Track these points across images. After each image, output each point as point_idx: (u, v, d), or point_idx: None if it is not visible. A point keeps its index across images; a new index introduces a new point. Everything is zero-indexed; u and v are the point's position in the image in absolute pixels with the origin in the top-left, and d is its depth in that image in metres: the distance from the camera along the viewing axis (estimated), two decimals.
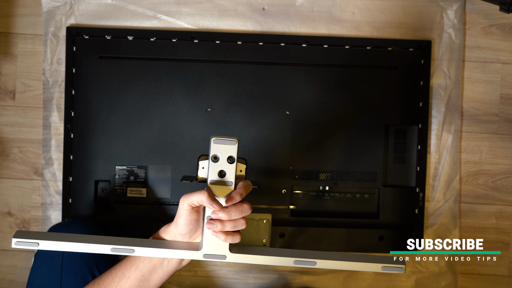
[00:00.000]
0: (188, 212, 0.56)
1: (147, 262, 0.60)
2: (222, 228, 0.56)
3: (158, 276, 0.61)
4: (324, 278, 0.96)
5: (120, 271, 0.61)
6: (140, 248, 0.57)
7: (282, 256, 0.59)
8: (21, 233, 0.57)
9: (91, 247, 0.57)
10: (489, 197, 0.98)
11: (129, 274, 0.60)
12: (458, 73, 0.96)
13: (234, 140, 0.56)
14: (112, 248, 0.57)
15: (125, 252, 0.57)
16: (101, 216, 0.91)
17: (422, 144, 0.94)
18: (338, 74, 0.92)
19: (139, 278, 0.60)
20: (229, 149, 0.56)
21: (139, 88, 0.91)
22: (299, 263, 0.58)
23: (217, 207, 0.55)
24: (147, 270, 0.60)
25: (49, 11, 0.93)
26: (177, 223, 0.58)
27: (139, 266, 0.60)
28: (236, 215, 0.56)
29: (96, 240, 0.58)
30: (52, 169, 0.94)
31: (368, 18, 0.96)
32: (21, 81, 0.95)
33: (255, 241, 0.92)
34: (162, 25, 0.94)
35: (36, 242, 0.56)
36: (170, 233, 0.60)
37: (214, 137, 0.56)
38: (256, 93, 0.91)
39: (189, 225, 0.58)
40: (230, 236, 0.57)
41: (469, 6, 0.97)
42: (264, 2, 0.95)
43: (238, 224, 0.56)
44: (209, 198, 0.54)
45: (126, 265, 0.61)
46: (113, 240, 0.58)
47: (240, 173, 0.59)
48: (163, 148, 0.91)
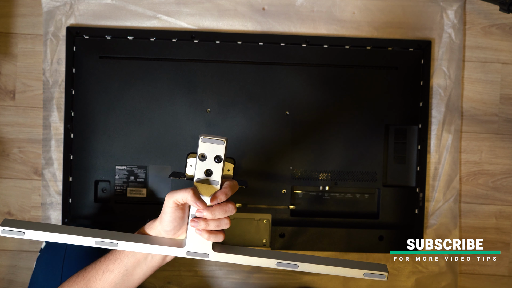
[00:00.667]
0: (173, 209, 0.57)
1: (131, 256, 0.60)
2: (206, 226, 0.57)
3: (141, 271, 0.61)
4: (324, 278, 0.96)
5: (104, 264, 0.61)
6: (124, 242, 0.58)
7: (264, 258, 0.59)
8: (9, 222, 0.57)
9: (76, 239, 0.57)
10: (489, 197, 0.98)
11: (113, 268, 0.60)
12: (458, 73, 0.96)
13: (222, 139, 0.56)
14: (97, 241, 0.57)
15: (109, 246, 0.58)
16: (101, 216, 0.91)
17: (422, 144, 0.94)
18: (338, 74, 0.92)
19: (123, 272, 0.60)
20: (216, 148, 0.56)
21: (139, 88, 0.91)
22: (281, 265, 0.59)
23: (201, 206, 0.55)
24: (131, 265, 0.60)
25: (49, 11, 0.93)
26: (162, 219, 0.59)
27: (123, 260, 0.60)
28: (220, 214, 0.56)
29: (81, 232, 0.58)
30: (52, 169, 0.94)
31: (368, 18, 0.96)
32: (21, 81, 0.95)
33: (255, 241, 0.92)
34: (162, 25, 0.94)
35: (22, 231, 0.56)
36: (155, 229, 0.61)
37: (202, 136, 0.56)
38: (256, 93, 0.91)
39: (174, 222, 0.58)
40: (214, 235, 0.57)
41: (469, 6, 0.97)
42: (264, 2, 0.95)
43: (222, 223, 0.57)
44: (194, 196, 0.55)
45: (111, 259, 0.61)
46: (98, 233, 0.58)
47: (228, 172, 0.59)
48: (163, 148, 0.91)
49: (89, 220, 0.91)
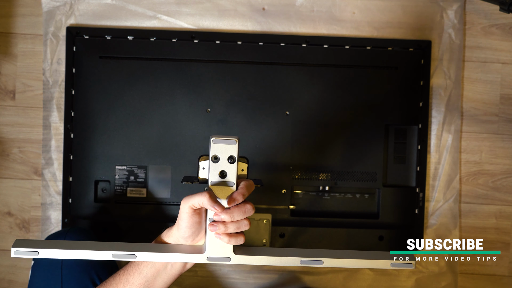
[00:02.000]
0: (189, 215, 0.55)
1: (150, 267, 0.59)
2: (225, 230, 0.55)
3: (162, 281, 0.60)
4: (324, 278, 0.96)
5: (123, 277, 0.60)
6: (142, 253, 0.56)
7: (287, 256, 0.58)
8: (20, 242, 0.55)
9: (93, 254, 0.56)
10: (489, 197, 0.98)
11: (133, 280, 0.59)
12: (458, 73, 0.96)
13: (234, 139, 0.55)
14: (114, 254, 0.56)
15: (127, 258, 0.56)
16: (101, 216, 0.91)
17: (422, 144, 0.94)
18: (338, 74, 0.92)
19: (143, 283, 0.59)
20: (229, 148, 0.55)
21: (139, 88, 0.91)
22: (305, 263, 0.57)
23: (219, 209, 0.53)
24: (151, 275, 0.59)
25: (49, 11, 0.93)
26: (179, 226, 0.57)
27: (143, 271, 0.59)
28: (239, 216, 0.54)
29: (97, 246, 0.56)
30: (52, 169, 0.94)
31: (368, 18, 0.96)
32: (21, 81, 0.95)
33: (255, 241, 0.92)
34: (162, 25, 0.94)
35: (35, 250, 0.55)
36: (172, 236, 0.59)
37: (213, 137, 0.55)
38: (256, 93, 0.91)
39: (191, 227, 0.56)
40: (234, 237, 0.55)
41: (469, 6, 0.97)
42: (264, 2, 0.95)
43: (241, 225, 0.55)
44: (211, 200, 0.53)
45: (130, 271, 0.60)
46: (114, 246, 0.57)
47: (242, 172, 0.57)
48: (163, 148, 0.91)
49: (89, 220, 0.91)
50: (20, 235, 0.96)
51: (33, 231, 0.96)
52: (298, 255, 0.58)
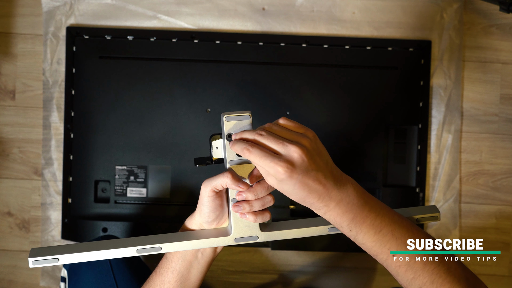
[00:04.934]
0: (211, 198, 0.53)
1: (181, 261, 0.57)
2: (251, 209, 0.53)
3: (197, 271, 0.58)
4: (324, 278, 0.96)
5: (158, 279, 0.58)
6: (167, 244, 0.54)
7: (315, 226, 0.56)
8: (37, 251, 0.52)
9: (115, 253, 0.53)
10: (489, 197, 0.98)
11: (168, 280, 0.57)
12: (458, 73, 0.96)
13: (248, 114, 0.52)
14: (138, 249, 0.53)
15: (152, 251, 0.54)
16: (101, 216, 0.91)
17: (422, 144, 0.94)
18: (338, 74, 0.92)
19: (179, 279, 0.57)
20: (243, 124, 0.52)
21: (139, 88, 0.91)
22: (333, 230, 0.55)
23: (244, 187, 0.51)
24: (184, 269, 0.57)
25: (49, 11, 0.93)
26: (201, 211, 0.55)
27: (175, 268, 0.57)
28: (263, 192, 0.52)
29: (118, 244, 0.54)
30: (52, 169, 0.94)
31: (368, 18, 0.96)
32: (21, 81, 0.95)
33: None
34: (162, 25, 0.94)
35: (55, 257, 0.52)
36: (195, 223, 0.57)
37: (225, 114, 0.51)
38: (256, 93, 0.91)
39: (215, 211, 0.54)
40: (260, 215, 0.54)
41: (469, 6, 0.97)
42: (264, 2, 0.95)
43: (266, 201, 0.53)
44: (234, 179, 0.51)
45: (162, 272, 0.58)
46: (136, 240, 0.54)
47: None
48: (163, 148, 0.91)
49: (89, 220, 0.91)
50: (20, 235, 0.96)
51: (33, 231, 0.96)
52: (324, 223, 0.56)
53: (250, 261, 0.97)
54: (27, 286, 0.97)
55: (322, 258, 0.97)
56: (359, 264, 0.97)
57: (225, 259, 0.96)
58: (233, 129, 0.52)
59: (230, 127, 0.52)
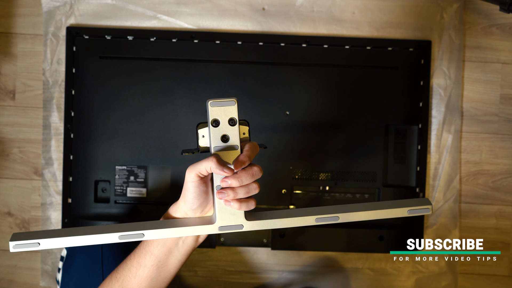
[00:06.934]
0: (196, 184, 0.52)
1: (161, 246, 0.56)
2: (235, 196, 0.52)
3: (175, 259, 0.57)
4: (324, 278, 0.96)
5: (135, 260, 0.58)
6: (150, 231, 0.53)
7: (302, 216, 0.55)
8: (18, 235, 0.52)
9: (97, 238, 0.52)
10: (489, 197, 0.98)
11: (145, 262, 0.57)
12: (458, 73, 0.96)
13: (233, 100, 0.52)
14: (120, 236, 0.53)
15: (135, 238, 0.53)
16: (101, 216, 0.91)
17: (422, 144, 0.94)
18: (338, 74, 0.92)
19: (156, 264, 0.57)
20: (229, 110, 0.52)
21: (139, 88, 0.91)
22: (321, 220, 0.55)
23: (229, 172, 0.50)
24: (163, 254, 0.57)
25: (49, 11, 0.93)
26: (185, 198, 0.54)
27: (154, 252, 0.57)
28: (248, 179, 0.52)
29: (101, 230, 0.53)
30: (52, 169, 0.94)
31: (368, 18, 0.96)
32: (21, 81, 0.95)
33: (255, 240, 0.92)
34: (162, 25, 0.94)
35: (36, 242, 0.52)
36: (179, 210, 0.56)
37: (210, 100, 0.52)
38: (256, 93, 0.91)
39: (199, 198, 0.54)
40: (245, 203, 0.53)
41: (469, 6, 0.97)
42: (264, 2, 0.95)
43: (251, 189, 0.52)
44: (219, 163, 0.50)
45: (140, 254, 0.58)
46: (119, 227, 0.54)
47: (244, 135, 0.54)
48: (163, 148, 0.91)
49: (89, 220, 0.91)
50: None
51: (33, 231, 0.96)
52: (312, 213, 0.55)
53: (250, 261, 0.97)
54: (27, 286, 0.97)
55: (322, 258, 0.97)
56: (359, 264, 0.97)
57: (225, 259, 0.96)
58: (219, 115, 0.52)
59: (215, 113, 0.52)
